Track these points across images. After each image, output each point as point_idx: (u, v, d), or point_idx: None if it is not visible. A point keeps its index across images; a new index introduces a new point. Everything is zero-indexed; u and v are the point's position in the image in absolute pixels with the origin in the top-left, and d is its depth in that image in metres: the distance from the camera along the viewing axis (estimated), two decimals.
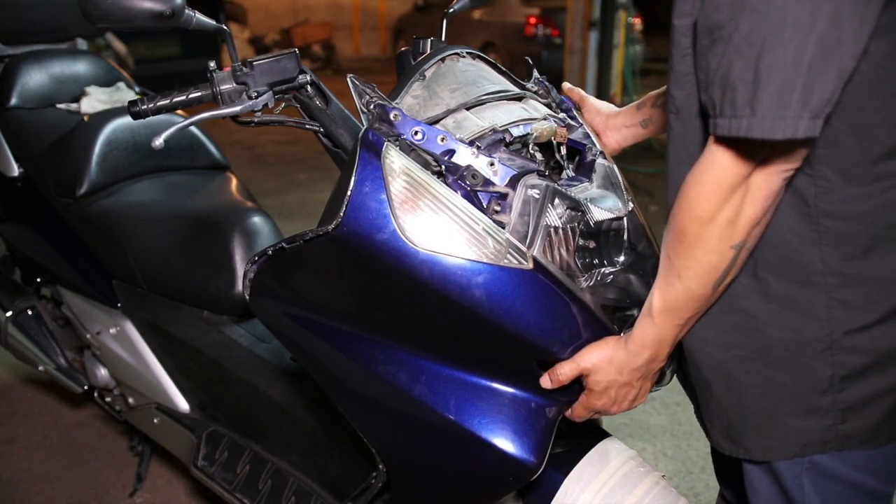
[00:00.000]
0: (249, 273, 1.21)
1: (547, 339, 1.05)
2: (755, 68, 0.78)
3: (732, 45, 0.80)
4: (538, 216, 1.04)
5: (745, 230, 0.89)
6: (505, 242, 1.00)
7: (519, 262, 1.00)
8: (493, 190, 1.04)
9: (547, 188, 1.05)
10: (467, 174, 1.03)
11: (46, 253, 2.21)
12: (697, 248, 0.90)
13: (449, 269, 0.99)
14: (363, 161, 1.01)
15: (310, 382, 1.26)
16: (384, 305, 1.08)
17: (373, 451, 1.23)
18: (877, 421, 0.97)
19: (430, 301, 1.02)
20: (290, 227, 3.81)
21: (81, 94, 2.35)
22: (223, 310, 1.84)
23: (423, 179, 1.01)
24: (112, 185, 2.03)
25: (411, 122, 1.04)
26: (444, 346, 1.10)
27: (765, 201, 0.87)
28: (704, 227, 0.89)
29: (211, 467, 1.77)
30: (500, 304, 1.01)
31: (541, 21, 8.47)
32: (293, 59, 1.25)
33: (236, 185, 2.11)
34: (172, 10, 1.09)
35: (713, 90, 0.83)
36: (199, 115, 1.20)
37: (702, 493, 2.30)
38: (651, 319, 1.00)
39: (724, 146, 0.84)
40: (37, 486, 2.38)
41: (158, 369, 1.96)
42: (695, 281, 0.93)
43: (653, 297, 0.99)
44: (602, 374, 1.05)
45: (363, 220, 1.00)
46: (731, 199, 0.86)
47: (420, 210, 1.00)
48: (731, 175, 0.85)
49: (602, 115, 1.34)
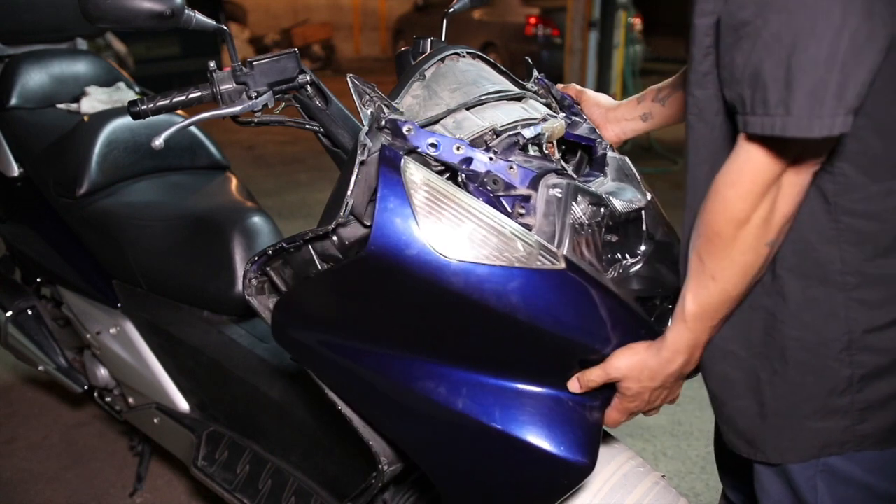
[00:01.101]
0: (249, 273, 1.21)
1: (587, 337, 1.04)
2: (787, 66, 0.77)
3: (760, 43, 0.79)
4: (563, 215, 1.03)
5: (778, 227, 0.89)
6: (535, 244, 0.99)
7: (551, 263, 0.99)
8: (516, 193, 1.03)
9: (568, 186, 1.04)
10: (488, 180, 1.03)
11: (46, 253, 2.21)
12: (733, 248, 0.90)
13: (482, 277, 0.97)
14: (384, 178, 0.99)
15: (310, 382, 1.25)
16: (419, 321, 1.06)
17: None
18: (895, 420, 0.97)
19: (467, 311, 1.00)
20: (290, 227, 3.80)
21: (81, 94, 2.35)
22: (223, 310, 1.84)
23: (445, 190, 0.99)
24: (112, 185, 2.03)
25: (425, 135, 1.03)
26: (483, 355, 1.08)
27: (797, 197, 0.88)
28: (741, 227, 0.88)
29: (211, 467, 1.77)
30: (538, 307, 1.00)
31: (541, 21, 8.47)
32: (293, 59, 1.25)
33: (236, 185, 2.11)
34: (172, 10, 1.09)
35: (741, 88, 0.83)
36: (199, 115, 1.20)
37: (702, 494, 2.30)
38: (685, 324, 0.98)
39: (756, 145, 0.84)
40: (37, 486, 2.38)
41: (158, 369, 1.96)
42: (731, 282, 0.93)
43: (685, 301, 0.97)
44: (633, 381, 1.04)
45: (390, 237, 0.97)
46: (765, 197, 0.86)
47: (446, 220, 0.98)
48: (766, 174, 0.85)
49: (601, 108, 1.33)
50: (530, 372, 1.09)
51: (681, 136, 1.32)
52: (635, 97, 1.33)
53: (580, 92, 1.34)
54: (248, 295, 1.22)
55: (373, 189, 1.08)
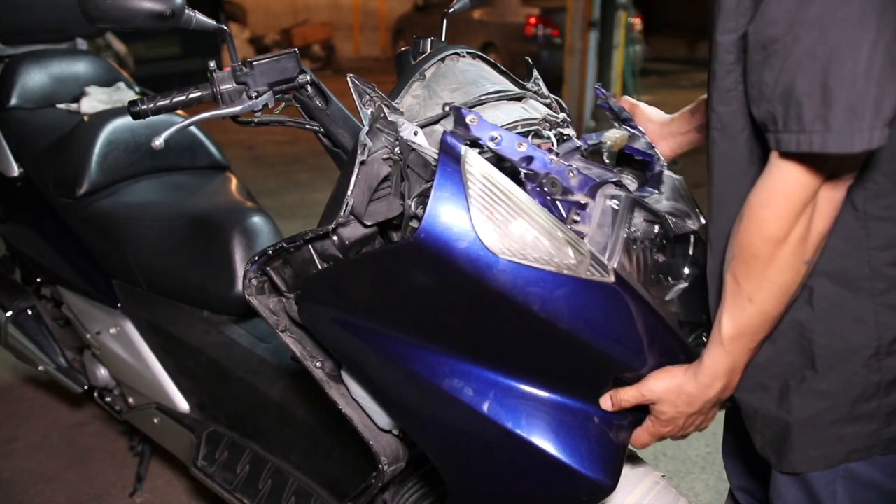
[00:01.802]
0: (250, 273, 1.21)
1: (625, 355, 1.01)
2: (822, 83, 0.77)
3: (792, 60, 0.78)
4: (618, 227, 1.00)
5: (815, 244, 0.88)
6: (587, 254, 0.96)
7: (601, 275, 0.96)
8: (573, 199, 1.01)
9: (627, 199, 1.02)
10: (546, 182, 1.00)
11: (46, 253, 2.21)
12: (771, 268, 0.88)
13: (529, 278, 0.95)
14: (443, 166, 0.96)
15: (310, 382, 1.25)
16: (457, 315, 1.04)
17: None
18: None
19: (508, 312, 0.98)
20: (290, 227, 3.80)
21: (81, 94, 2.35)
22: (223, 310, 1.84)
23: (504, 186, 0.96)
24: (112, 185, 2.03)
25: (489, 127, 1.01)
26: (516, 359, 1.06)
27: (833, 212, 0.87)
28: (778, 247, 0.87)
29: (211, 467, 1.77)
30: (580, 318, 0.97)
31: (541, 21, 8.47)
32: (293, 59, 1.25)
33: (236, 185, 2.11)
34: (172, 10, 1.09)
35: (772, 105, 0.82)
36: (199, 115, 1.20)
37: (702, 494, 2.30)
38: (722, 348, 0.96)
39: (791, 162, 0.83)
40: (37, 486, 2.38)
41: (158, 369, 1.96)
42: (769, 302, 0.91)
43: (721, 324, 0.95)
44: (669, 406, 1.02)
45: (441, 226, 0.95)
46: (802, 215, 0.85)
47: (500, 217, 0.95)
48: (802, 191, 0.84)
49: (654, 123, 1.32)
50: (562, 383, 1.07)
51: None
52: (688, 109, 1.30)
53: (633, 105, 1.32)
54: (248, 295, 1.22)
55: (373, 189, 1.08)
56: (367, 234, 1.11)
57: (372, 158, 1.06)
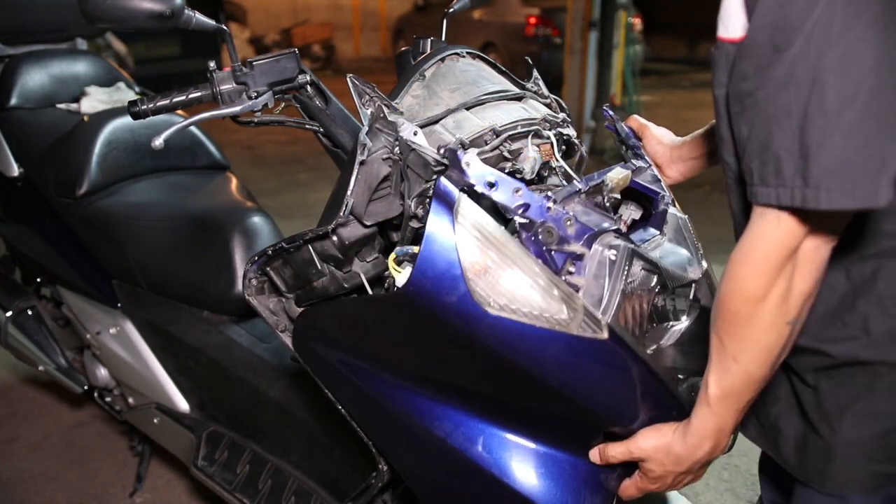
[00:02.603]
0: (249, 273, 1.21)
1: (617, 411, 1.01)
2: (800, 139, 0.76)
3: (766, 115, 0.78)
4: (615, 280, 0.98)
5: (798, 305, 0.86)
6: (580, 310, 0.94)
7: (593, 332, 0.95)
8: (569, 249, 0.99)
9: (625, 249, 1.00)
10: (542, 231, 0.98)
11: (46, 253, 2.21)
12: (752, 327, 0.87)
13: (519, 335, 0.94)
14: (435, 214, 0.95)
15: (310, 382, 1.25)
16: (446, 364, 1.04)
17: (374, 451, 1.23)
18: None
19: (497, 365, 0.98)
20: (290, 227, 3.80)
21: (81, 94, 2.35)
22: (223, 310, 1.84)
23: (497, 239, 0.95)
24: (112, 185, 2.03)
25: (485, 171, 0.98)
26: (506, 409, 1.05)
27: (815, 273, 0.85)
28: (757, 306, 0.85)
29: (211, 467, 1.77)
30: (572, 374, 0.97)
31: (541, 21, 8.47)
32: (293, 59, 1.25)
33: (236, 185, 2.11)
34: (172, 10, 1.09)
35: (749, 158, 0.81)
36: (199, 115, 1.20)
37: (701, 494, 2.30)
38: (709, 409, 0.95)
39: (769, 219, 0.82)
40: (37, 486, 2.38)
41: (158, 369, 1.96)
42: (752, 363, 0.90)
43: (708, 384, 0.94)
44: (657, 465, 1.01)
45: (432, 278, 0.94)
46: (781, 274, 0.84)
47: (492, 270, 0.94)
48: (779, 250, 0.82)
49: (664, 146, 1.28)
50: (552, 434, 1.06)
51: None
52: (700, 133, 1.27)
53: (643, 126, 1.29)
54: (248, 295, 1.22)
55: (373, 189, 1.08)
56: (366, 234, 1.11)
57: (372, 158, 1.06)
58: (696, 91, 8.97)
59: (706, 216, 1.22)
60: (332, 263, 1.13)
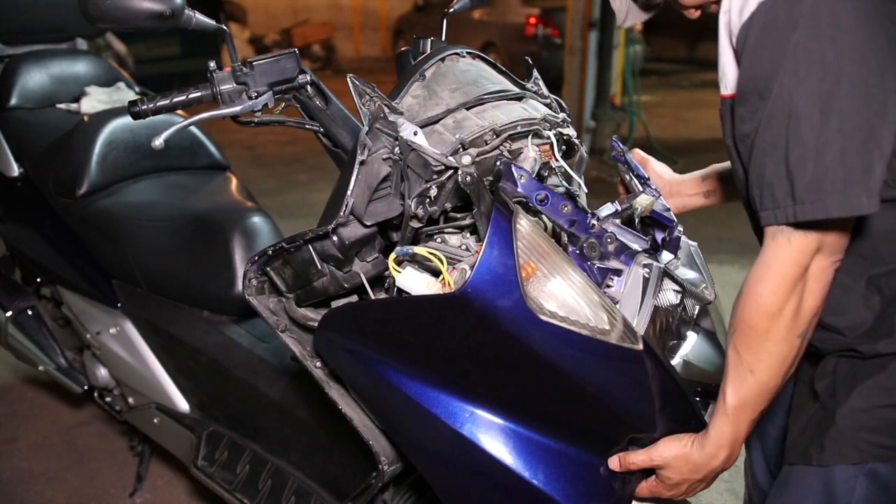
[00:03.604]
0: (250, 273, 1.21)
1: (643, 419, 1.06)
2: (786, 166, 0.89)
3: (759, 149, 0.91)
4: (649, 296, 1.05)
5: (807, 319, 0.96)
6: (620, 322, 1.01)
7: (631, 342, 1.01)
8: (610, 265, 1.06)
9: (658, 269, 1.07)
10: (587, 246, 1.05)
11: (46, 253, 2.21)
12: (768, 341, 0.96)
13: (563, 339, 0.99)
14: (495, 224, 1.00)
15: (310, 382, 1.25)
16: (487, 366, 1.07)
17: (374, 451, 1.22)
18: None
19: (538, 368, 1.02)
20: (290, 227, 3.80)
21: (81, 94, 2.35)
22: (223, 310, 1.84)
23: (550, 250, 1.01)
24: (112, 185, 2.03)
25: (536, 186, 1.04)
26: (538, 412, 1.09)
27: (821, 291, 0.96)
28: (773, 320, 0.95)
29: (211, 467, 1.77)
30: (607, 380, 1.02)
31: (541, 21, 8.47)
32: (293, 59, 1.25)
33: (236, 185, 2.11)
34: (172, 10, 1.09)
35: (751, 188, 0.94)
36: (199, 115, 1.20)
37: (701, 493, 2.30)
38: (726, 418, 1.01)
39: (780, 241, 0.93)
40: (37, 486, 2.38)
41: (158, 369, 1.96)
42: (767, 373, 0.98)
43: (725, 395, 1.01)
44: (675, 472, 1.06)
45: (490, 283, 0.99)
46: (794, 291, 0.94)
47: (544, 280, 1.00)
48: (791, 267, 0.93)
49: (663, 180, 1.37)
50: (578, 437, 1.10)
51: (681, 135, 1.32)
52: (699, 174, 1.38)
53: (644, 159, 1.36)
54: (248, 295, 1.22)
55: (373, 189, 1.08)
56: (366, 234, 1.11)
57: (372, 158, 1.06)
58: (696, 91, 8.98)
59: (707, 216, 1.23)
60: (332, 263, 1.13)
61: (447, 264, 1.04)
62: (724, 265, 3.83)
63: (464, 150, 1.06)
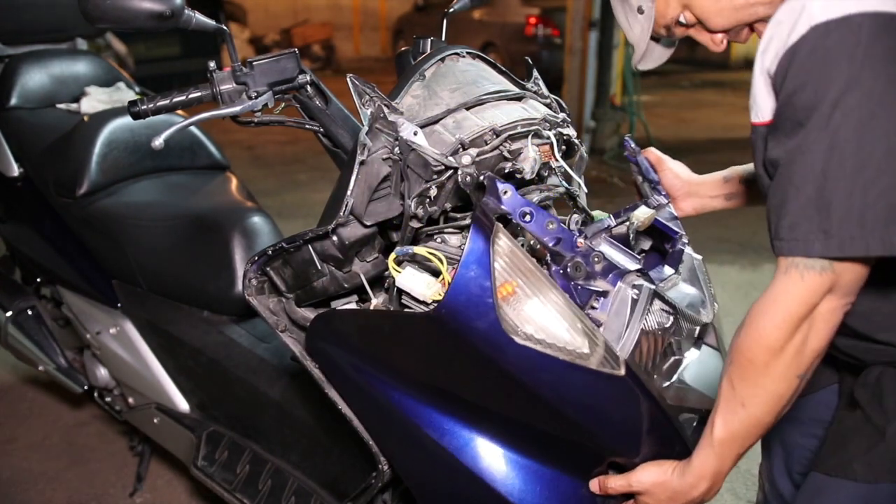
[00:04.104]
0: (249, 273, 1.21)
1: (624, 444, 1.05)
2: (813, 198, 0.85)
3: (785, 178, 0.87)
4: (635, 318, 1.02)
5: (809, 360, 0.93)
6: (602, 346, 0.98)
7: (612, 368, 0.98)
8: (595, 286, 1.02)
9: (647, 291, 1.03)
10: (571, 266, 1.01)
11: (46, 253, 2.21)
12: (765, 376, 0.93)
13: (541, 365, 0.97)
14: (473, 241, 0.98)
15: (310, 382, 1.25)
16: (466, 384, 1.07)
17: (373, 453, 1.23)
18: None
19: (516, 389, 1.00)
20: (290, 227, 3.80)
21: (81, 94, 2.35)
22: (223, 310, 1.84)
23: (529, 270, 0.98)
24: (112, 185, 2.03)
25: (521, 202, 1.01)
26: (518, 431, 1.08)
27: (828, 333, 0.92)
28: (774, 356, 0.91)
29: (211, 467, 1.77)
30: (587, 406, 1.00)
31: (541, 21, 8.46)
32: (293, 59, 1.25)
33: (236, 185, 2.11)
34: (172, 11, 1.09)
35: (768, 213, 0.91)
36: (199, 115, 1.20)
37: None
38: (712, 450, 0.98)
39: (792, 276, 0.89)
40: (37, 486, 2.38)
41: (158, 369, 1.96)
42: (760, 409, 0.95)
43: (714, 426, 0.98)
44: (653, 499, 1.04)
45: (465, 302, 0.97)
46: (799, 329, 0.90)
47: (522, 301, 0.98)
48: (799, 305, 0.89)
49: (681, 180, 1.30)
50: (558, 457, 1.09)
51: (681, 135, 1.32)
52: (721, 175, 1.31)
53: (659, 159, 1.31)
54: (248, 295, 1.22)
55: (373, 189, 1.08)
56: (366, 234, 1.11)
57: (372, 158, 1.06)
58: (696, 91, 8.98)
59: (708, 215, 1.23)
60: (332, 263, 1.13)
61: (447, 264, 1.04)
62: (724, 265, 3.83)
63: (464, 150, 1.06)
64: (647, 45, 1.10)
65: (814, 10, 0.84)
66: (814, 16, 0.84)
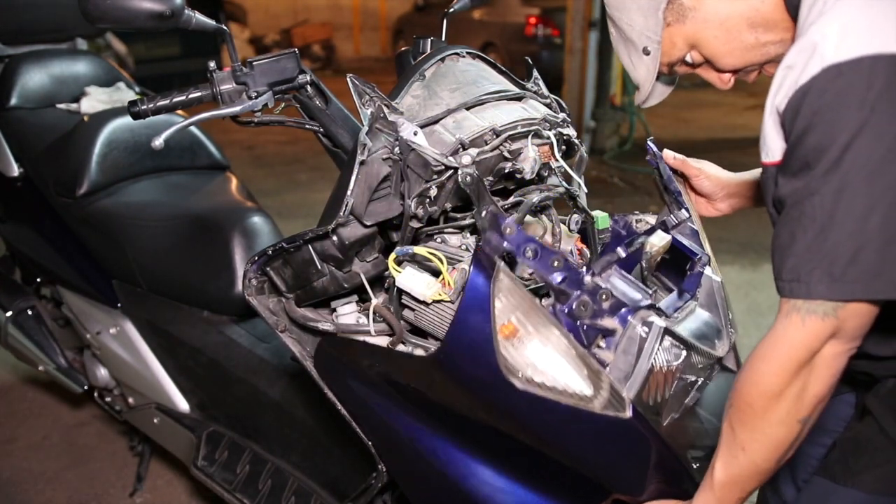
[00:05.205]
0: (249, 273, 1.21)
1: (629, 484, 1.03)
2: (823, 239, 0.83)
3: (792, 219, 0.86)
4: (644, 357, 0.99)
5: (811, 406, 0.91)
6: (607, 388, 0.96)
7: (616, 411, 0.96)
8: (601, 325, 0.99)
9: (657, 329, 1.00)
10: (577, 304, 0.98)
11: (46, 253, 2.21)
12: (764, 421, 0.91)
13: (544, 409, 0.95)
14: (473, 282, 0.96)
15: (310, 382, 1.25)
16: (469, 419, 1.05)
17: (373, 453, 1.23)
18: None
19: (519, 432, 1.00)
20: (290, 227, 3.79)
21: (81, 94, 2.35)
22: (223, 310, 1.84)
23: (532, 311, 0.96)
24: (112, 185, 2.03)
25: (524, 238, 0.99)
26: (519, 465, 1.07)
27: (830, 379, 0.90)
28: (773, 401, 0.90)
29: (211, 467, 1.77)
30: (591, 448, 0.99)
31: (541, 21, 8.45)
32: (293, 59, 1.25)
33: (236, 185, 2.11)
34: (172, 11, 1.09)
35: (772, 253, 0.89)
36: (199, 115, 1.20)
37: None
38: (712, 493, 0.97)
39: (793, 320, 0.87)
40: (37, 485, 2.38)
41: (158, 369, 1.96)
42: (760, 454, 0.93)
43: (714, 469, 0.97)
44: None
45: (464, 347, 0.95)
46: (799, 375, 0.89)
47: (525, 341, 0.95)
48: (799, 350, 0.87)
49: (719, 183, 1.27)
50: (561, 492, 1.08)
51: (681, 135, 1.32)
52: (753, 174, 1.27)
53: (684, 163, 1.26)
54: (248, 295, 1.22)
55: (373, 189, 1.08)
56: (366, 234, 1.11)
57: (372, 158, 1.06)
58: (696, 91, 8.96)
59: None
60: (332, 263, 1.13)
61: (447, 264, 1.04)
62: (724, 265, 3.84)
63: (464, 150, 1.06)
64: (652, 86, 1.08)
65: (826, 50, 0.82)
66: (826, 56, 0.82)
